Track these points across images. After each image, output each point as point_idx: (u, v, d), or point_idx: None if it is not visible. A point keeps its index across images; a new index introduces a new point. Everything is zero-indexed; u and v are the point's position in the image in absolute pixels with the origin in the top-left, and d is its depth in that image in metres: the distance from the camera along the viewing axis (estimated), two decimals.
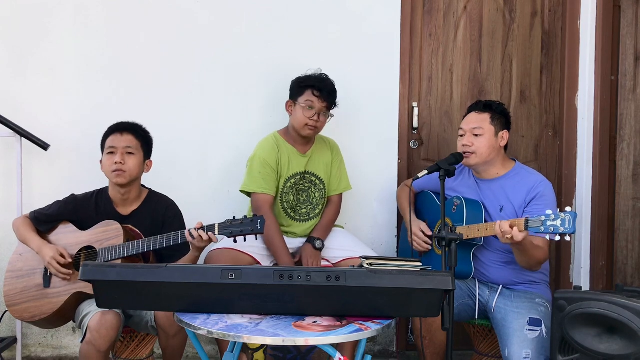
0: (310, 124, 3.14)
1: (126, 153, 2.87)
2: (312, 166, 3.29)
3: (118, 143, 2.88)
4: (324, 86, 3.15)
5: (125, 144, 2.88)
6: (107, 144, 2.90)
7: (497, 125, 2.97)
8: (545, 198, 2.88)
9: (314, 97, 3.13)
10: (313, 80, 3.17)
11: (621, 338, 2.38)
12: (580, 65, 3.80)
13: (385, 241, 3.73)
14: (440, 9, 3.80)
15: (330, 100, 3.17)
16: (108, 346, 2.61)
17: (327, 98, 3.15)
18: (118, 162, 2.84)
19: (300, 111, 3.15)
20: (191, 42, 3.60)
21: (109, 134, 2.93)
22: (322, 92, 3.13)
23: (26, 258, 2.93)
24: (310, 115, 3.13)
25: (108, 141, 2.91)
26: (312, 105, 3.13)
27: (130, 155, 2.88)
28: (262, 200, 3.16)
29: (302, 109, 3.14)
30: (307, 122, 3.14)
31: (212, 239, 2.64)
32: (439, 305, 2.23)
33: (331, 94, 3.17)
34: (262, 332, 2.14)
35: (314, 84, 3.15)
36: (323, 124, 3.21)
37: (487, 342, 3.08)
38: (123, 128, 2.93)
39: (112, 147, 2.88)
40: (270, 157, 3.19)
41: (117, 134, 2.90)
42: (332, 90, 3.17)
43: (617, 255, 3.68)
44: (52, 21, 3.54)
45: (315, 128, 3.17)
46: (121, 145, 2.88)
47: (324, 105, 3.15)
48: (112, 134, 2.91)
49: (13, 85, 3.53)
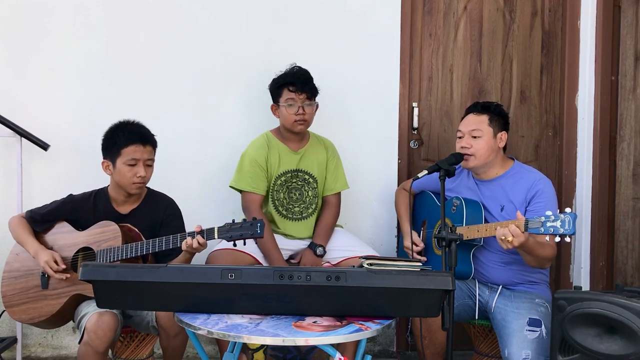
0: (298, 119, 3.16)
1: (146, 165, 2.84)
2: (305, 164, 3.29)
3: (141, 155, 2.82)
4: (297, 79, 3.16)
5: (147, 156, 2.84)
6: (128, 154, 2.80)
7: (495, 127, 2.97)
8: (546, 195, 2.88)
9: (291, 93, 3.15)
10: (285, 77, 3.19)
11: (621, 338, 2.38)
12: (580, 65, 3.80)
13: (385, 241, 3.73)
14: (440, 9, 3.80)
15: (307, 89, 3.16)
16: (105, 347, 2.60)
17: (303, 88, 3.15)
18: (142, 176, 2.81)
19: (284, 111, 3.17)
20: (191, 42, 3.60)
21: (129, 142, 2.80)
22: (297, 85, 3.14)
23: (23, 258, 2.92)
24: (295, 112, 3.15)
25: (128, 151, 2.80)
26: (293, 102, 3.15)
27: (149, 167, 2.85)
28: (250, 200, 3.19)
29: (285, 108, 3.16)
30: (294, 119, 3.16)
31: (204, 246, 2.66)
32: (439, 306, 2.23)
33: (306, 84, 3.17)
34: (262, 332, 2.14)
35: (286, 81, 3.17)
36: (311, 115, 3.22)
37: (487, 342, 3.08)
38: (146, 139, 2.85)
39: (134, 159, 2.80)
40: (259, 155, 3.20)
41: (139, 145, 2.81)
42: (306, 80, 3.18)
43: (617, 255, 3.68)
44: (52, 21, 3.54)
45: (305, 121, 3.18)
46: (144, 157, 2.82)
47: (303, 97, 3.16)
48: (134, 144, 2.81)
49: (13, 85, 3.53)
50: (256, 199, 3.20)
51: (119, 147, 2.82)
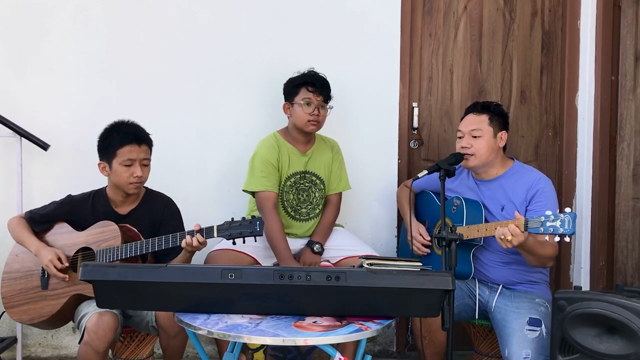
0: (312, 119, 3.17)
1: (142, 165, 2.84)
2: (312, 166, 3.30)
3: (137, 155, 2.82)
4: (317, 81, 3.20)
5: (143, 155, 2.84)
6: (123, 154, 2.80)
7: (495, 126, 2.97)
8: (546, 194, 2.88)
9: (309, 93, 3.17)
10: (305, 77, 3.22)
11: (621, 338, 2.38)
12: (580, 65, 3.80)
13: (385, 241, 3.73)
14: (440, 9, 3.80)
15: (325, 93, 3.21)
16: (105, 347, 2.60)
17: (322, 91, 3.19)
18: (139, 176, 2.81)
19: (299, 109, 3.18)
20: (191, 42, 3.60)
21: (124, 142, 2.80)
22: (316, 86, 3.18)
23: (22, 259, 2.92)
24: (310, 111, 3.17)
25: (124, 151, 2.80)
26: (310, 102, 3.17)
27: (145, 166, 2.86)
28: (265, 198, 3.17)
29: (301, 107, 3.17)
30: (308, 119, 3.17)
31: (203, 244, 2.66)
32: (439, 305, 2.23)
33: (325, 87, 3.22)
34: (262, 332, 2.14)
35: (306, 81, 3.20)
36: (324, 118, 3.24)
37: (487, 342, 3.08)
38: (141, 139, 2.84)
39: (130, 160, 2.80)
40: (271, 155, 3.20)
41: (134, 145, 2.81)
42: (325, 83, 3.23)
43: (617, 255, 3.68)
44: (52, 21, 3.54)
45: (318, 122, 3.20)
46: (140, 157, 2.83)
47: (320, 99, 3.19)
48: (129, 144, 2.81)
49: (13, 85, 3.53)
50: (270, 196, 3.17)
51: (114, 148, 2.82)
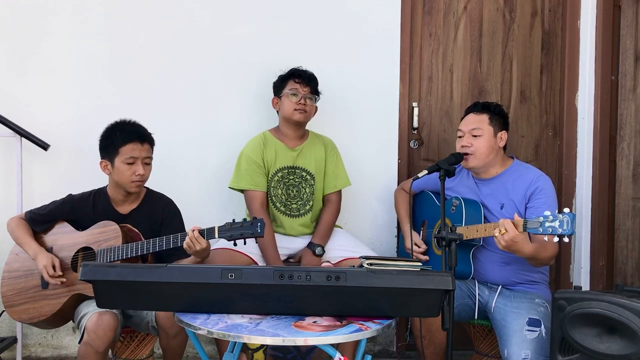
0: (299, 107, 3.22)
1: (144, 163, 2.85)
2: (302, 161, 3.31)
3: (139, 153, 2.82)
4: (304, 73, 3.28)
5: (145, 154, 2.85)
6: (126, 152, 2.80)
7: (495, 126, 2.98)
8: (545, 192, 2.88)
9: (296, 84, 3.24)
10: (292, 71, 3.30)
11: (621, 338, 2.38)
12: (580, 65, 3.80)
13: (385, 241, 3.73)
14: (440, 9, 3.80)
15: (312, 84, 3.27)
16: (106, 347, 2.60)
17: (309, 83, 3.26)
18: (141, 174, 2.82)
19: (286, 100, 3.24)
20: (191, 42, 3.60)
21: (127, 140, 2.81)
22: (303, 78, 3.25)
23: (22, 258, 2.92)
24: (297, 100, 3.22)
25: (126, 149, 2.81)
26: (296, 92, 3.23)
27: (147, 165, 2.86)
28: (251, 197, 3.22)
29: (288, 97, 3.23)
30: (295, 107, 3.22)
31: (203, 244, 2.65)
32: (438, 305, 2.23)
33: (312, 79, 3.28)
34: (262, 332, 2.14)
35: (293, 73, 3.28)
36: (312, 109, 3.28)
37: (487, 342, 3.08)
38: (143, 137, 2.85)
39: (132, 158, 2.81)
40: (255, 153, 3.24)
41: (137, 143, 2.82)
42: (311, 76, 3.29)
43: (617, 255, 3.68)
44: (52, 21, 3.54)
45: (305, 112, 3.23)
46: (142, 155, 2.83)
47: (307, 90, 3.24)
48: (131, 142, 2.82)
49: (13, 85, 3.53)
50: (257, 196, 3.21)
51: (117, 146, 2.82)
